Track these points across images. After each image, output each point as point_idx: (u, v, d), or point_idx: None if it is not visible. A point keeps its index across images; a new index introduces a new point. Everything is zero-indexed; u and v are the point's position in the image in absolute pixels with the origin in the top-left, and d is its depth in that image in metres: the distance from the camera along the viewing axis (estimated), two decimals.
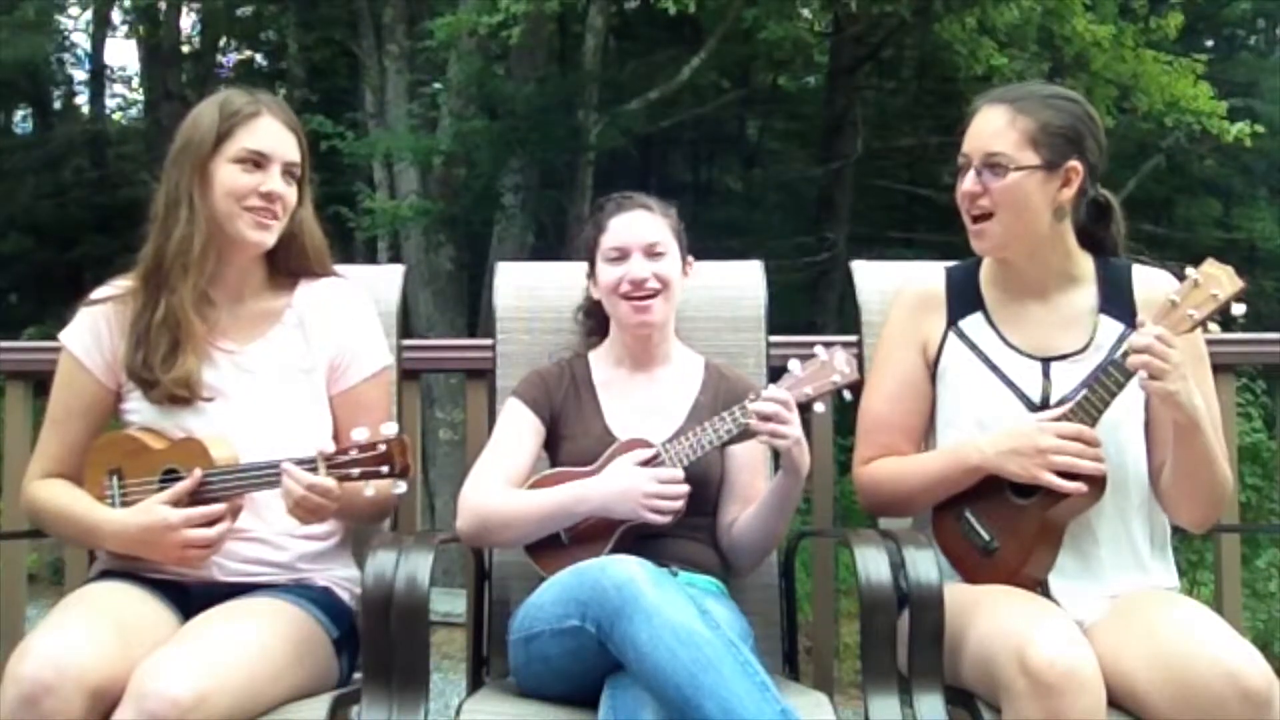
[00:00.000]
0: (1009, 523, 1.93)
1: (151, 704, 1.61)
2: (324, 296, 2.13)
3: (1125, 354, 1.84)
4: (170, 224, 2.00)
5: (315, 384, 2.08)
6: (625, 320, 2.13)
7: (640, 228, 2.12)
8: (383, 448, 1.83)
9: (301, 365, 2.08)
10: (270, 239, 2.03)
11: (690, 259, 2.19)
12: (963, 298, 2.10)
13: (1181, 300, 1.83)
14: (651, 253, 2.11)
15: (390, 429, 1.84)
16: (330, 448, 1.87)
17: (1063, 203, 1.99)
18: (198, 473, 1.90)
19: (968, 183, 1.98)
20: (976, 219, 1.99)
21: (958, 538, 2.00)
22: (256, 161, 2.00)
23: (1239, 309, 1.81)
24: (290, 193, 2.04)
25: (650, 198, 2.18)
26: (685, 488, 1.97)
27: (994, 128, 1.97)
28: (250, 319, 2.09)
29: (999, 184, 1.96)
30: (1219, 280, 1.82)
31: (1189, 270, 1.85)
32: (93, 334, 2.07)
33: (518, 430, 2.13)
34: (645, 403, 2.15)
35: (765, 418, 1.91)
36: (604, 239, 2.13)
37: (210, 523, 1.88)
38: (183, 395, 1.98)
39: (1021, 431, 1.91)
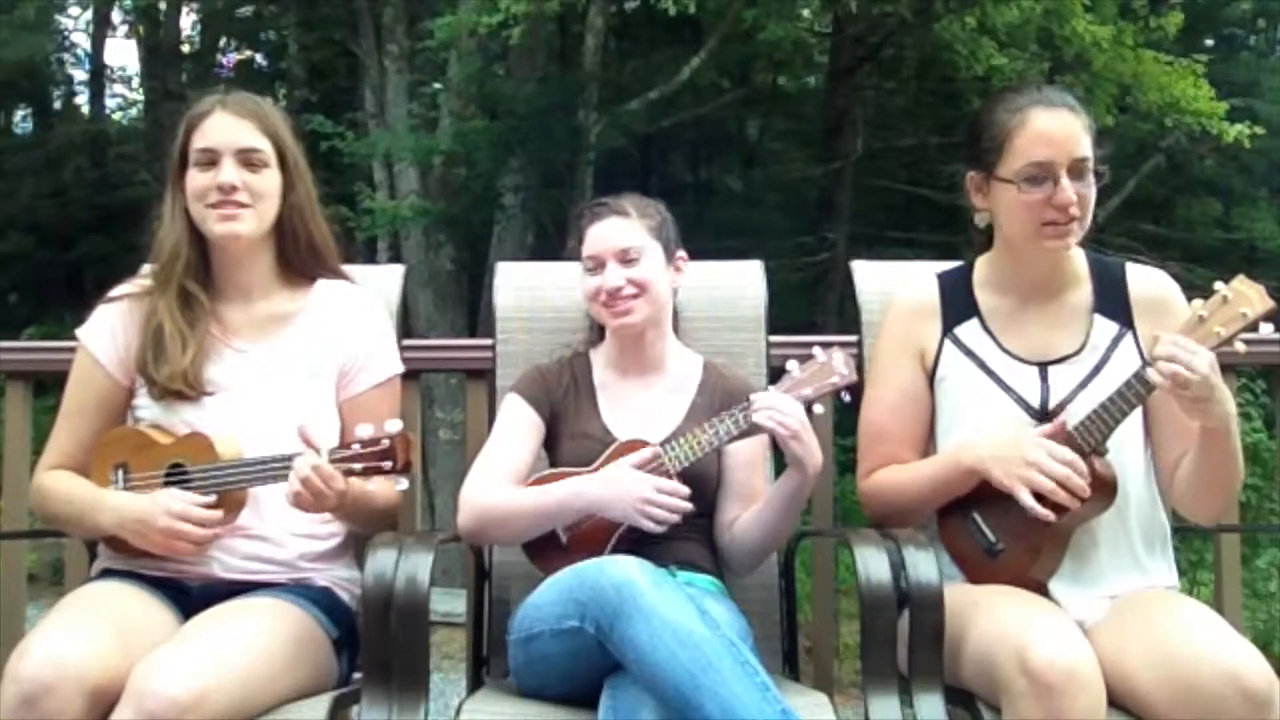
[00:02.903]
0: (1015, 525, 1.92)
1: (150, 703, 1.61)
2: (338, 301, 2.15)
3: (1146, 365, 1.82)
4: (161, 229, 2.07)
5: (323, 387, 2.09)
6: (608, 325, 2.14)
7: (612, 235, 2.11)
8: (386, 443, 1.83)
9: (310, 368, 2.08)
10: (240, 228, 2.03)
11: (683, 254, 2.18)
12: (957, 304, 2.09)
13: (1210, 316, 1.78)
14: (625, 259, 2.09)
15: (394, 425, 1.85)
16: (332, 443, 1.87)
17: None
18: (218, 514, 1.90)
19: (1066, 193, 1.91)
20: (1061, 224, 1.94)
21: (963, 538, 2.00)
22: (210, 159, 2.03)
23: (1267, 328, 1.77)
24: (256, 180, 2.04)
25: (629, 200, 2.16)
26: (687, 505, 1.96)
27: (1073, 131, 1.93)
28: (262, 320, 2.10)
29: (1084, 188, 1.93)
30: (1249, 299, 1.77)
31: (1218, 285, 1.80)
32: (108, 331, 2.10)
33: (517, 427, 2.13)
34: (642, 404, 2.15)
35: (768, 409, 1.92)
36: (583, 249, 2.14)
37: (203, 524, 1.89)
38: (178, 389, 2.00)
39: (1016, 440, 1.89)
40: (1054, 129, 1.92)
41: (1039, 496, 1.85)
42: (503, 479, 2.06)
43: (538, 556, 2.04)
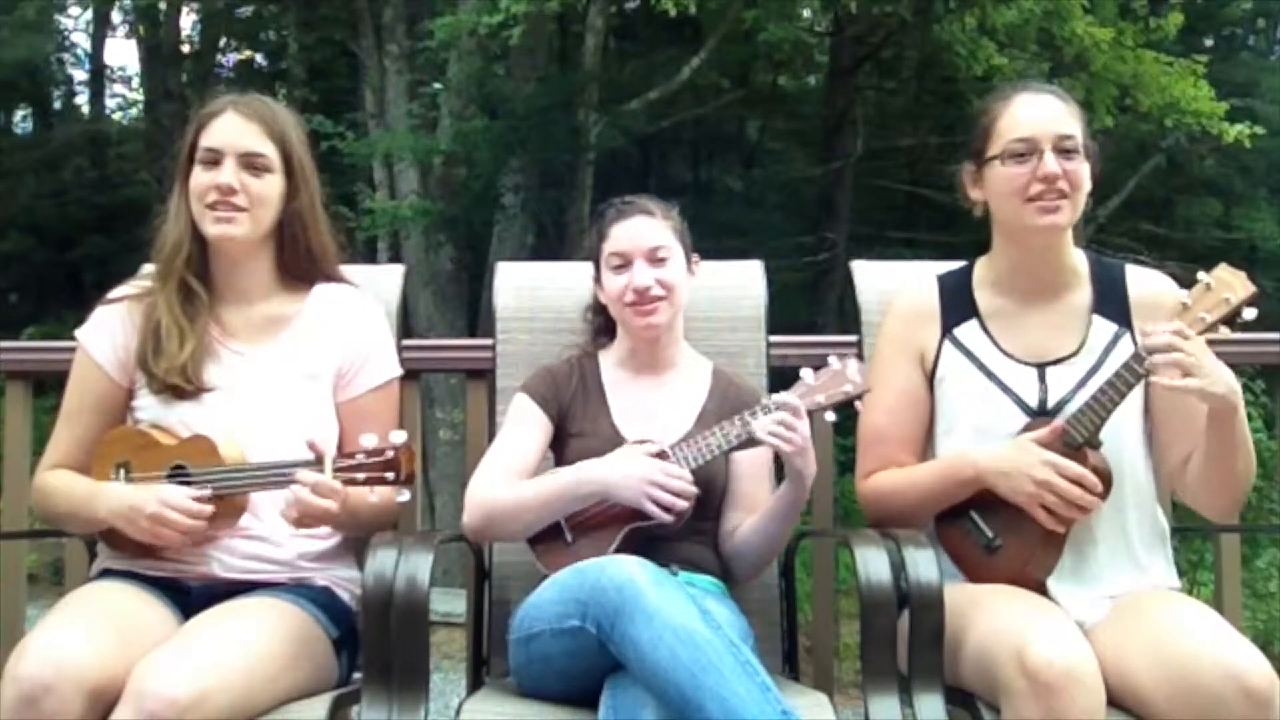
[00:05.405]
0: (1013, 522, 1.93)
1: (150, 703, 1.61)
2: (336, 304, 2.15)
3: (1137, 357, 1.84)
4: (164, 224, 2.08)
5: (321, 390, 2.09)
6: (631, 326, 2.13)
7: (642, 234, 2.11)
8: (390, 454, 1.83)
9: (308, 370, 2.08)
10: (234, 230, 2.03)
11: (696, 257, 2.18)
12: (956, 305, 2.09)
13: (1193, 304, 1.83)
14: (654, 258, 2.10)
15: (399, 436, 1.85)
16: (334, 451, 1.87)
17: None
18: (208, 496, 1.90)
19: (1050, 165, 1.95)
20: (1049, 199, 1.97)
21: (961, 536, 2.00)
22: (214, 159, 2.03)
23: (1250, 313, 1.81)
24: (256, 183, 2.04)
25: (651, 201, 2.17)
26: (692, 489, 1.96)
27: (1056, 112, 2.00)
28: (260, 322, 2.10)
29: (1073, 165, 1.97)
30: (1231, 285, 1.82)
31: (1201, 274, 1.84)
32: (108, 331, 2.10)
33: (525, 426, 2.13)
34: (653, 406, 2.14)
35: (775, 422, 1.92)
36: (606, 246, 2.12)
37: (192, 515, 1.88)
38: (176, 384, 2.00)
39: (1022, 457, 1.90)
40: (1037, 108, 2.00)
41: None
42: (509, 477, 2.06)
43: (542, 554, 2.04)
